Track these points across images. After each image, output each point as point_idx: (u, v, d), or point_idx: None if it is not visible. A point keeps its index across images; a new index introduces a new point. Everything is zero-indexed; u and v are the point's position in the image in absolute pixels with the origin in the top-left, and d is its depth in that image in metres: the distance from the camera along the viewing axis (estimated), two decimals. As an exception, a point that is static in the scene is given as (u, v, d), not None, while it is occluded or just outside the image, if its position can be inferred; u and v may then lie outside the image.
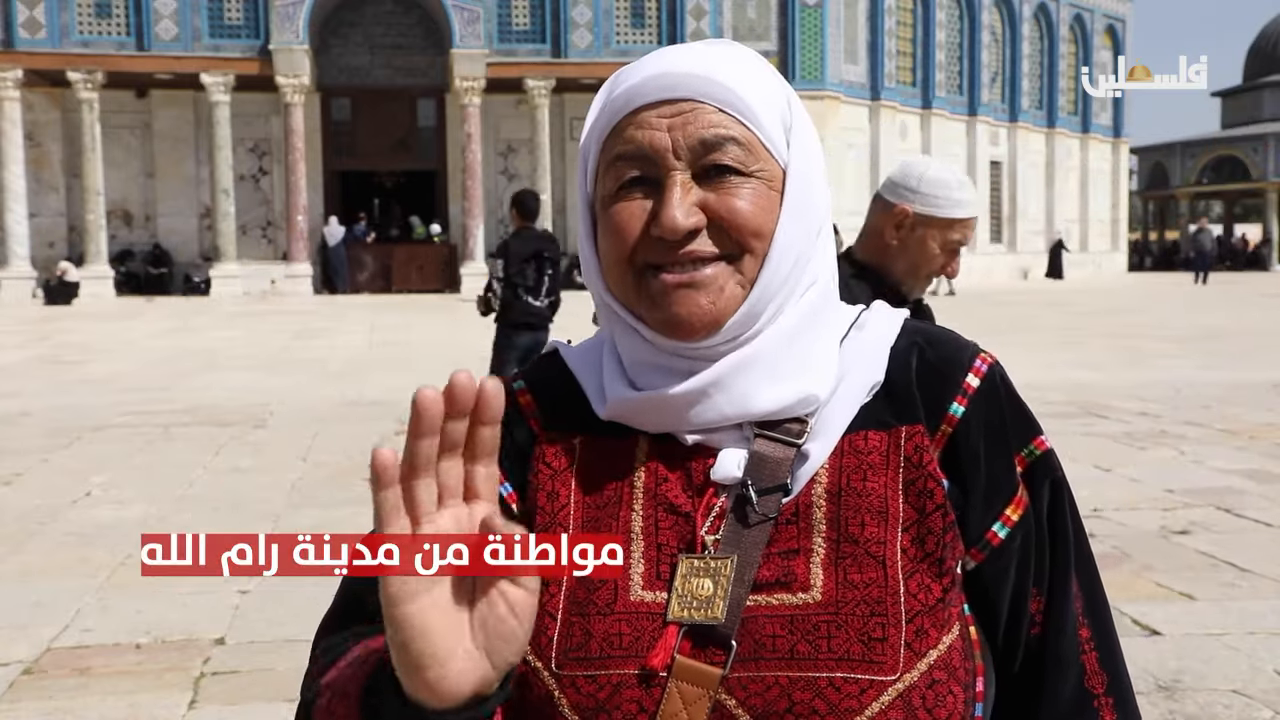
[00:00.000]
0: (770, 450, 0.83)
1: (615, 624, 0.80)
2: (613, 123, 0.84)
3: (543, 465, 0.88)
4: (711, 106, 0.82)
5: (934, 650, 0.78)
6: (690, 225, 0.80)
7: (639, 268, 0.83)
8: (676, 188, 0.81)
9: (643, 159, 0.82)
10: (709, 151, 0.81)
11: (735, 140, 0.82)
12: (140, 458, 7.04)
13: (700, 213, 0.81)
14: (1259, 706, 3.07)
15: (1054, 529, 0.88)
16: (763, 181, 0.83)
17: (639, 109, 0.83)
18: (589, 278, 0.89)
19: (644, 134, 0.82)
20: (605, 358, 0.90)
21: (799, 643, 0.77)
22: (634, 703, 0.77)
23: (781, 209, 0.83)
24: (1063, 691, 0.86)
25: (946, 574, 0.81)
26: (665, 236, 0.80)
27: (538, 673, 0.81)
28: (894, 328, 0.89)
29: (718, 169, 0.82)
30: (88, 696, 3.25)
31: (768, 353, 0.84)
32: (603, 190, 0.86)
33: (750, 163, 0.82)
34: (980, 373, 0.87)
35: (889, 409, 0.85)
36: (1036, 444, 0.88)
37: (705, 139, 0.81)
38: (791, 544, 0.81)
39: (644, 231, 0.82)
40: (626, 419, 0.87)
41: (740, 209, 0.81)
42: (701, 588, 0.79)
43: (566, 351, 0.95)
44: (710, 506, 0.83)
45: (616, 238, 0.83)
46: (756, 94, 0.83)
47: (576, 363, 0.92)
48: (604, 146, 0.86)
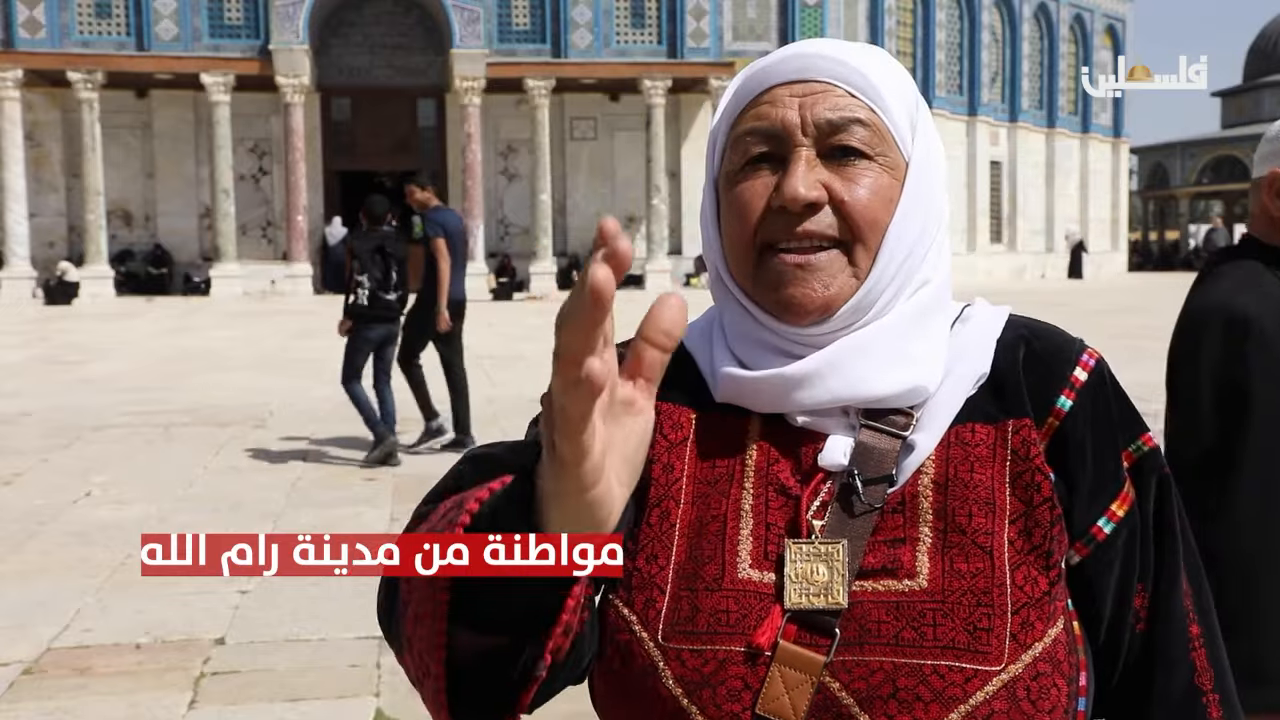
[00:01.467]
0: (876, 441, 0.83)
1: (723, 600, 0.81)
2: (745, 101, 0.86)
3: (660, 437, 0.88)
4: (842, 89, 0.83)
5: (1039, 643, 0.78)
6: (812, 197, 0.81)
7: (759, 249, 0.84)
8: (802, 162, 0.82)
9: (771, 135, 0.84)
10: (835, 132, 0.83)
11: (862, 123, 0.83)
12: (140, 458, 7.04)
13: (822, 189, 0.82)
14: (1259, 706, 3.07)
15: (1161, 525, 0.88)
16: (885, 169, 0.84)
17: (771, 87, 0.84)
18: (709, 255, 0.91)
19: (775, 110, 0.84)
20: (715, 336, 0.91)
21: (904, 629, 0.77)
22: (739, 679, 0.78)
23: (900, 200, 0.84)
24: (1174, 689, 0.86)
25: (1053, 567, 0.81)
26: (787, 206, 0.82)
27: (642, 643, 0.81)
28: (999, 321, 0.90)
29: (843, 150, 0.83)
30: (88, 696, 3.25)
31: (880, 341, 0.84)
32: (729, 165, 0.87)
33: (875, 146, 0.83)
34: (1088, 367, 0.87)
35: (996, 402, 0.85)
36: (1144, 440, 0.88)
37: (833, 119, 0.82)
38: (898, 533, 0.81)
39: (766, 207, 0.83)
40: (737, 399, 0.87)
41: (860, 195, 0.82)
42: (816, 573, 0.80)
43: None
44: (816, 491, 0.84)
45: (740, 213, 0.85)
46: (887, 83, 0.85)
47: (693, 340, 0.93)
48: (734, 124, 0.87)
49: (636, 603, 0.82)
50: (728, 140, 0.87)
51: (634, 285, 25.77)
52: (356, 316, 7.12)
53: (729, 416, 0.88)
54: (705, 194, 0.91)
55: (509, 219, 27.55)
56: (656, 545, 0.84)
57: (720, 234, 0.88)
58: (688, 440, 0.88)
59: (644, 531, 0.85)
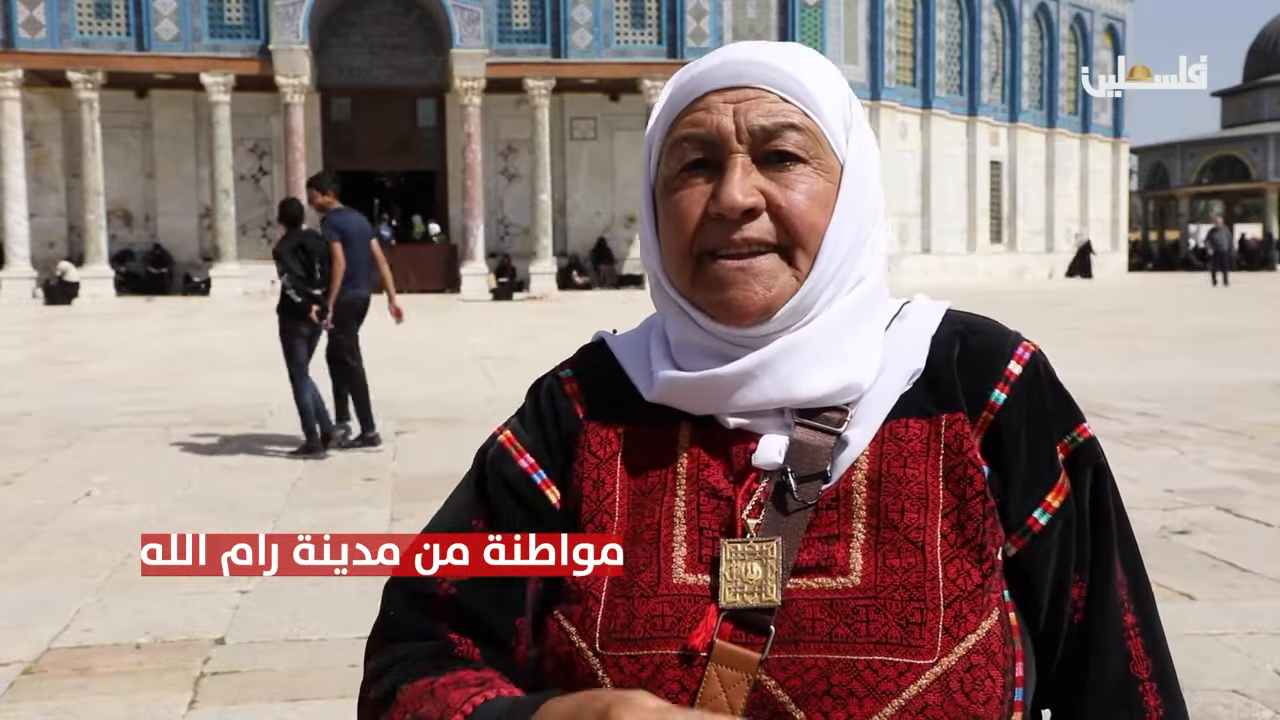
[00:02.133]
0: (810, 438, 0.84)
1: (659, 605, 0.82)
2: (679, 107, 0.87)
3: (588, 454, 0.90)
4: (775, 95, 0.84)
5: (972, 635, 0.78)
6: (748, 204, 0.82)
7: (697, 256, 0.85)
8: (738, 168, 0.83)
9: (706, 142, 0.84)
10: (770, 137, 0.84)
11: (796, 128, 0.84)
12: (140, 458, 7.04)
13: (759, 195, 0.83)
14: (1259, 706, 3.07)
15: (1097, 515, 0.88)
16: (820, 173, 0.85)
17: (705, 94, 0.85)
18: (647, 261, 0.92)
19: (709, 117, 0.84)
20: (653, 342, 0.92)
21: (838, 626, 0.78)
22: (675, 682, 0.79)
23: (837, 202, 0.85)
24: (1107, 678, 0.87)
25: (986, 560, 0.81)
26: (724, 214, 0.82)
27: (582, 653, 0.82)
28: (936, 317, 0.90)
29: (779, 155, 0.84)
30: (88, 696, 3.25)
31: (815, 340, 0.85)
32: (665, 171, 0.88)
33: (810, 150, 0.84)
34: (1022, 360, 0.88)
35: (930, 397, 0.86)
36: (1079, 431, 0.89)
37: (766, 125, 0.83)
38: (831, 529, 0.82)
39: (704, 215, 0.84)
40: (673, 401, 0.88)
41: (797, 201, 0.83)
42: (750, 571, 0.81)
43: (612, 341, 0.97)
44: (751, 491, 0.85)
45: (678, 222, 0.85)
46: (819, 86, 0.86)
47: (622, 351, 0.94)
48: (669, 130, 0.88)
49: (575, 614, 0.84)
50: (663, 146, 0.88)
51: (634, 285, 25.80)
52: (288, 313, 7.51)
53: (658, 427, 0.89)
54: (643, 200, 0.92)
55: (509, 219, 27.55)
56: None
57: (659, 241, 0.89)
58: (617, 455, 0.89)
59: None
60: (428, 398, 9.40)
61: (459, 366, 11.85)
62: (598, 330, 0.99)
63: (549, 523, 0.89)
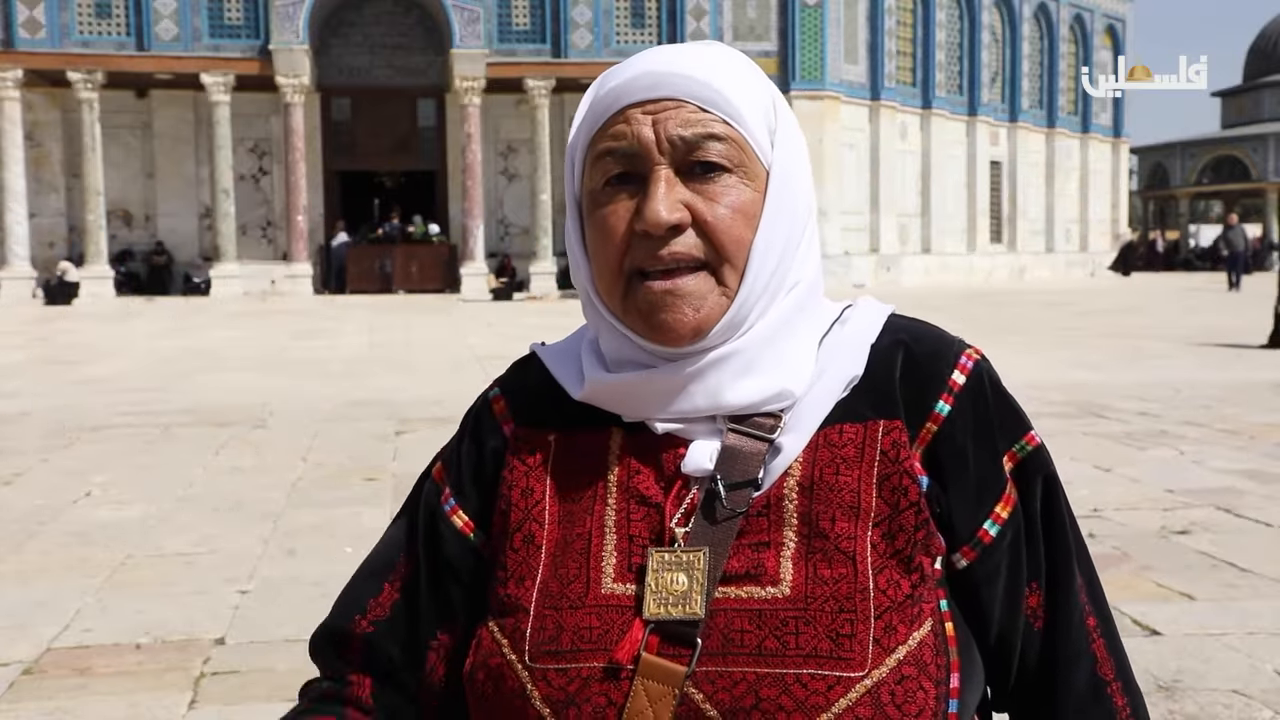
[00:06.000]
0: (742, 444, 0.83)
1: (586, 617, 0.80)
2: (599, 120, 0.85)
3: (517, 462, 0.89)
4: (694, 105, 0.82)
5: (903, 646, 0.77)
6: (674, 220, 0.81)
7: (627, 275, 0.83)
8: (661, 182, 0.81)
9: (629, 155, 0.83)
10: (692, 149, 0.82)
11: (718, 137, 0.82)
12: (140, 458, 7.03)
13: (685, 210, 0.81)
14: (1259, 706, 3.07)
15: (1051, 523, 0.88)
16: (745, 181, 0.83)
17: (625, 107, 0.84)
18: (576, 276, 0.90)
19: (630, 128, 0.83)
20: (584, 350, 0.91)
21: (767, 638, 0.76)
22: (602, 695, 0.77)
23: (764, 210, 0.83)
24: (1078, 681, 0.87)
25: (916, 570, 0.80)
26: (649, 231, 0.81)
27: (512, 665, 0.81)
28: (876, 324, 0.89)
29: (702, 165, 0.82)
30: (88, 696, 3.25)
31: (747, 349, 0.84)
32: (589, 184, 0.86)
33: (734, 159, 0.83)
34: (966, 370, 0.86)
35: (868, 404, 0.85)
36: (1027, 439, 0.88)
37: (686, 136, 0.82)
38: (762, 536, 0.81)
39: (629, 231, 0.82)
40: (602, 402, 0.87)
41: (721, 215, 0.82)
42: (675, 582, 0.79)
43: (543, 350, 0.96)
44: (681, 498, 0.83)
45: (605, 240, 0.84)
46: (740, 94, 0.84)
47: (553, 359, 0.93)
48: (591, 142, 0.86)
49: (506, 626, 0.83)
50: (586, 157, 0.87)
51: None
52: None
53: (589, 435, 0.88)
54: (569, 214, 0.90)
55: (509, 219, 27.56)
56: (523, 569, 0.85)
57: (587, 256, 0.87)
58: (546, 462, 0.89)
59: (510, 557, 0.86)
60: (428, 398, 9.40)
61: (459, 366, 11.85)
62: (531, 342, 0.98)
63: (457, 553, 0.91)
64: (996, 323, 16.85)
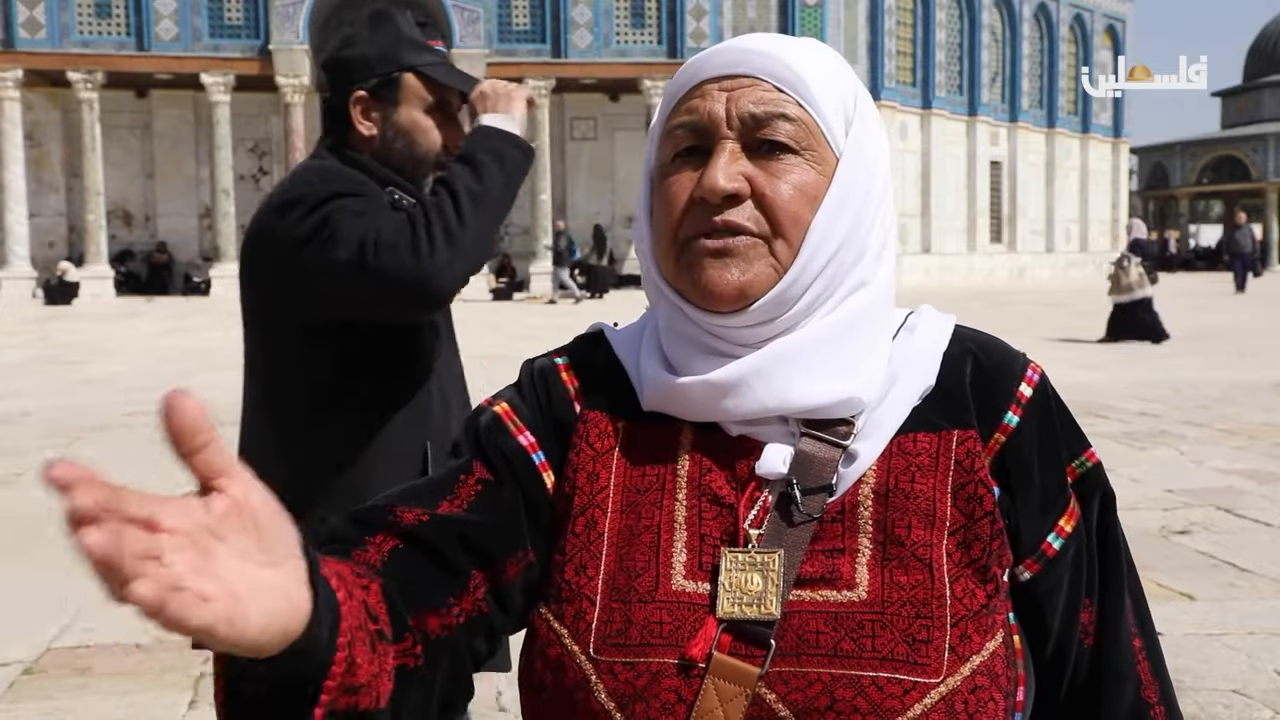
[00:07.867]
0: (816, 450, 0.82)
1: (656, 612, 0.79)
2: (678, 95, 0.86)
3: (585, 445, 0.88)
4: (769, 84, 0.83)
5: (977, 656, 0.77)
6: (731, 188, 0.80)
7: (683, 241, 0.83)
8: (725, 154, 0.82)
9: (698, 128, 0.83)
10: (761, 126, 0.82)
11: (788, 118, 0.82)
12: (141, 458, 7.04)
13: (744, 181, 0.81)
14: (1259, 706, 3.07)
15: (1105, 541, 0.88)
16: (812, 165, 0.82)
17: (702, 82, 0.84)
18: (641, 253, 0.90)
19: (703, 104, 0.83)
20: (645, 341, 0.90)
21: (843, 640, 0.76)
22: (672, 692, 0.77)
23: (827, 195, 0.83)
24: (1122, 703, 0.87)
25: (991, 580, 0.80)
26: (706, 197, 0.81)
27: (574, 656, 0.80)
28: (945, 332, 0.88)
29: (770, 144, 0.82)
30: (88, 696, 3.25)
31: (808, 346, 0.83)
32: (660, 159, 0.87)
33: (802, 141, 0.82)
34: (1033, 383, 0.87)
35: (940, 413, 0.84)
36: (1087, 455, 0.88)
37: (757, 113, 0.82)
38: (836, 542, 0.80)
39: (690, 200, 0.83)
40: (666, 407, 0.86)
41: (782, 190, 0.81)
42: (751, 582, 0.79)
43: (611, 334, 0.94)
44: (754, 500, 0.82)
45: (666, 207, 0.84)
46: (818, 79, 0.83)
47: (622, 346, 0.92)
48: (667, 119, 0.87)
49: (567, 615, 0.81)
50: (661, 134, 0.87)
51: (634, 285, 25.78)
52: None
53: (659, 425, 0.86)
54: (642, 189, 0.90)
55: (509, 219, 27.34)
56: (585, 555, 0.83)
57: (652, 228, 0.87)
58: (614, 449, 0.87)
59: (570, 542, 0.84)
60: (428, 398, 9.39)
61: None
62: (596, 321, 0.97)
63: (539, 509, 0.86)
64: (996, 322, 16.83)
